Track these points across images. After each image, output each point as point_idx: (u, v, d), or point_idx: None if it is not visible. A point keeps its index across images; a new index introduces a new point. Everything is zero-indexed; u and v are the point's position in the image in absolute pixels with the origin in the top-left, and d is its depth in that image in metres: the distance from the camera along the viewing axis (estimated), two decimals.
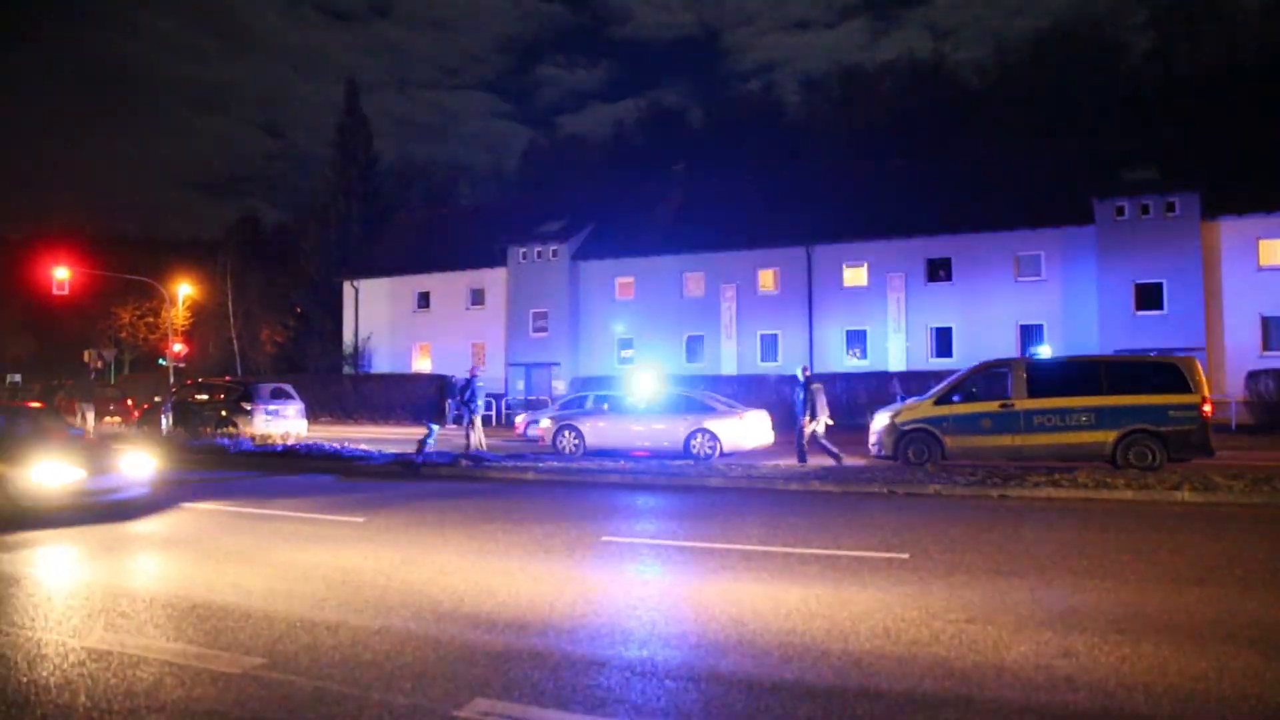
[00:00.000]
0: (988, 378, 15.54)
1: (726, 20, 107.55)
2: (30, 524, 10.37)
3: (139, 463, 11.85)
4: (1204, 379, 14.48)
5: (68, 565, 8.68)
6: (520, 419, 27.71)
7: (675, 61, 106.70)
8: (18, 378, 45.04)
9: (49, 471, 10.76)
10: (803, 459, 16.19)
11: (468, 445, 18.59)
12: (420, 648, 5.69)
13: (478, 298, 42.81)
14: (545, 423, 20.46)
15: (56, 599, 7.16)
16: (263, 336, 55.59)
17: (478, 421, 18.69)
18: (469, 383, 18.80)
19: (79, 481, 10.91)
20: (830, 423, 16.83)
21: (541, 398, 36.04)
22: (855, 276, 35.72)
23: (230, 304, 52.68)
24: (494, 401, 33.71)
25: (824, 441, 16.37)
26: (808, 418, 16.39)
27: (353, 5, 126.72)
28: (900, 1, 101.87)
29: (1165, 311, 30.40)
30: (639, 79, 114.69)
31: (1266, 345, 29.89)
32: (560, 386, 36.18)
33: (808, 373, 17.11)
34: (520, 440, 24.55)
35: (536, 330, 40.15)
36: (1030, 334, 32.43)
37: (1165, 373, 14.49)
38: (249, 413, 22.80)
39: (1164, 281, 30.43)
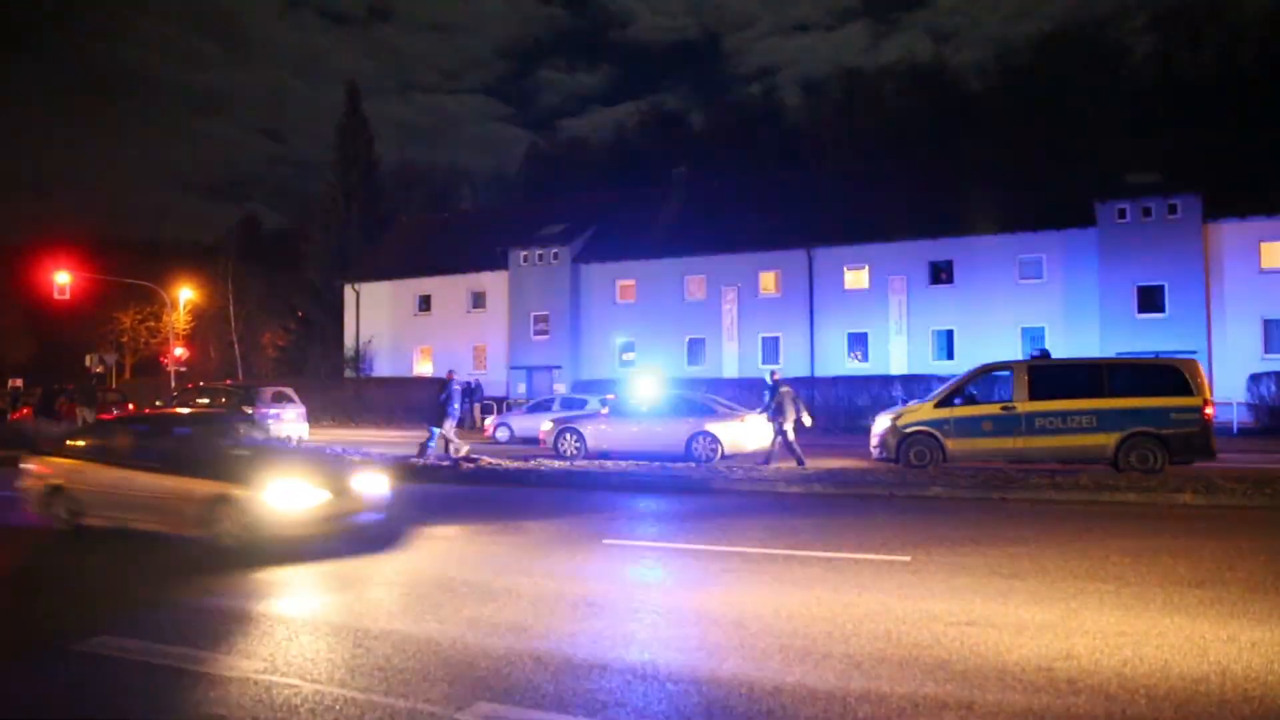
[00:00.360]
0: (989, 380, 15.53)
1: (727, 23, 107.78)
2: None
3: (374, 481, 9.88)
4: (1205, 381, 14.45)
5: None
6: (489, 422, 27.71)
7: (676, 65, 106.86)
8: (19, 382, 45.09)
9: (289, 494, 8.82)
10: (800, 461, 16.23)
11: (446, 447, 18.51)
12: (421, 650, 5.69)
13: (479, 301, 42.81)
14: (547, 425, 20.44)
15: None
16: (264, 340, 55.65)
17: (449, 424, 18.65)
18: (446, 385, 18.78)
19: (324, 504, 9.00)
20: (790, 426, 16.98)
21: (514, 400, 36.08)
22: (856, 279, 35.69)
23: (231, 308, 52.74)
24: (495, 404, 33.73)
25: (789, 443, 16.62)
26: (776, 417, 16.65)
27: (353, 9, 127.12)
28: (901, 5, 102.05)
29: (1167, 314, 30.37)
30: (640, 82, 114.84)
31: (1268, 348, 29.83)
32: (561, 389, 36.15)
33: (776, 376, 17.45)
34: (490, 443, 24.48)
35: (538, 333, 40.15)
36: (1032, 336, 32.40)
37: (1167, 375, 14.46)
38: (250, 416, 22.79)
39: (1166, 284, 30.39)
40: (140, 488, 9.48)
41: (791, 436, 16.63)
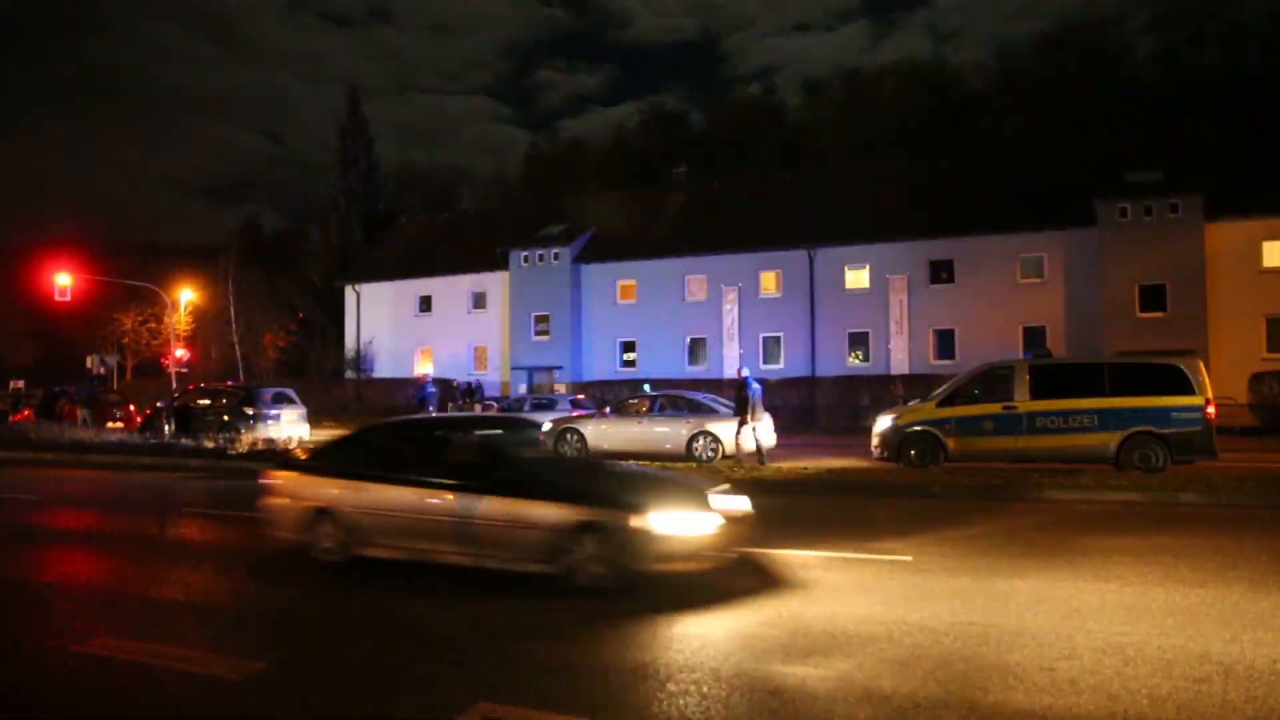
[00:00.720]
0: (990, 380, 15.50)
1: (726, 24, 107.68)
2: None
3: (738, 501, 7.98)
4: (1207, 380, 14.41)
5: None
6: None
7: (676, 65, 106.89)
8: (21, 384, 45.17)
9: (679, 520, 7.10)
10: (761, 460, 16.38)
11: None
12: (422, 651, 5.67)
13: (479, 301, 42.83)
14: (547, 425, 20.44)
15: None
16: (265, 341, 55.61)
17: None
18: (422, 388, 18.78)
19: (717, 532, 7.25)
20: (759, 422, 17.10)
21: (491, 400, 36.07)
22: (857, 279, 35.70)
23: (232, 309, 52.71)
24: (495, 404, 33.72)
25: (755, 442, 16.72)
26: (746, 416, 16.73)
27: (353, 10, 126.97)
28: (901, 4, 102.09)
29: (1168, 313, 30.34)
30: (640, 83, 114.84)
31: (1270, 346, 29.82)
32: (562, 389, 36.19)
33: (743, 374, 17.55)
34: None
35: (538, 334, 40.15)
36: (1033, 336, 32.38)
37: (1168, 374, 14.42)
38: (250, 417, 22.77)
39: (1167, 283, 30.37)
40: (452, 512, 7.63)
41: (741, 433, 16.81)
